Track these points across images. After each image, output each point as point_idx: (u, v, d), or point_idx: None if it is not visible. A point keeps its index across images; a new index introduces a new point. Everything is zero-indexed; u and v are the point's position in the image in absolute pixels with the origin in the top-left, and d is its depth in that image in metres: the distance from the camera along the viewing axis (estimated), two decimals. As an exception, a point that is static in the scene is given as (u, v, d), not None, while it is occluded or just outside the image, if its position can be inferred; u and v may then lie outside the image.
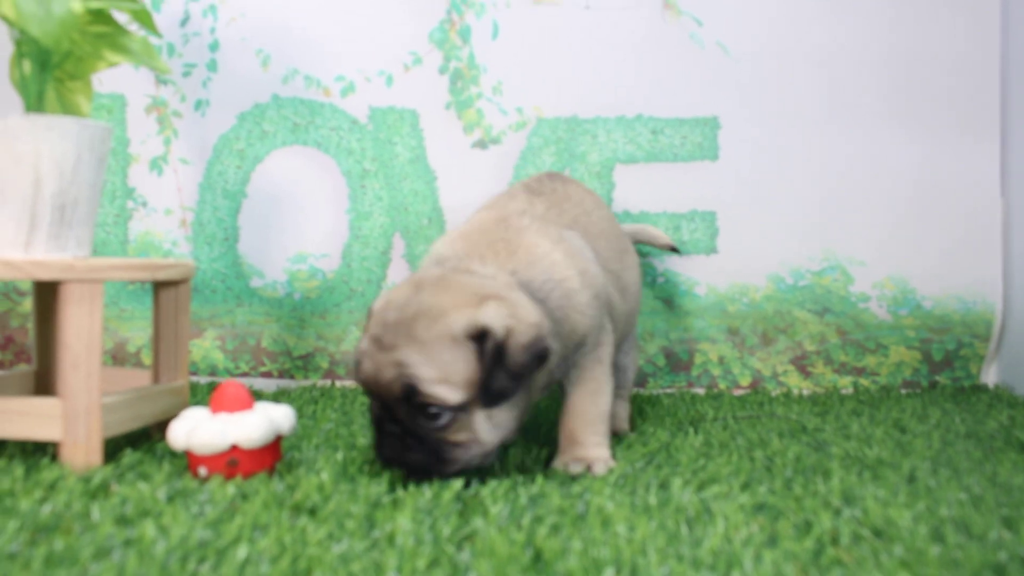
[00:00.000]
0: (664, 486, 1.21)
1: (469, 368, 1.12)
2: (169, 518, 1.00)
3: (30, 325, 1.89)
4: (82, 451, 1.26)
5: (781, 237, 1.95)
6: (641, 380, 1.96)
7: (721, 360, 1.96)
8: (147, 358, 1.90)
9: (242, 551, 0.90)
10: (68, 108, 1.44)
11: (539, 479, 1.21)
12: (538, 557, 0.93)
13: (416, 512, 1.06)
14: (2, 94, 1.83)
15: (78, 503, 1.06)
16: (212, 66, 1.88)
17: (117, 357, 1.88)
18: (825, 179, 1.95)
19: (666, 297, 1.95)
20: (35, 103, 1.33)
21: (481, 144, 1.92)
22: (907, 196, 1.94)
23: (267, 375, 1.92)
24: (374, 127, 1.90)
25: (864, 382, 1.97)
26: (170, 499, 1.09)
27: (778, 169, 1.94)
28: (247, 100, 1.88)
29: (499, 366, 1.12)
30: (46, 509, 1.03)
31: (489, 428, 1.17)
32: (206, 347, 1.89)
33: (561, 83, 1.92)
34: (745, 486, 1.23)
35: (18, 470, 1.18)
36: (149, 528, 0.96)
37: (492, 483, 1.18)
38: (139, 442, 1.43)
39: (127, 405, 1.33)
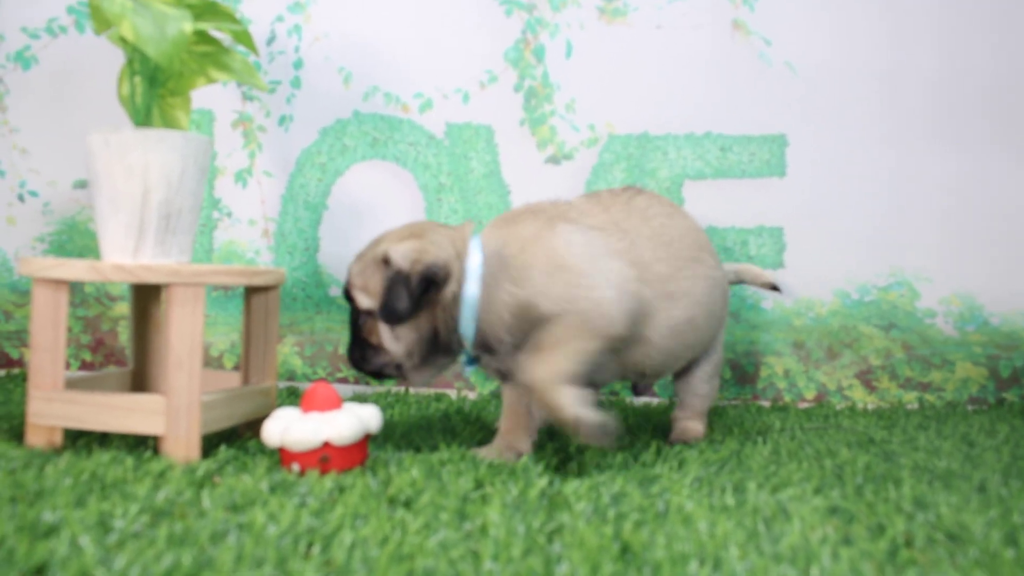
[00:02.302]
0: (739, 489, 1.25)
1: (380, 284, 1.40)
2: (276, 506, 1.07)
3: (120, 328, 1.99)
4: (182, 445, 1.33)
5: (847, 253, 1.97)
6: (706, 392, 1.99)
7: (787, 373, 1.98)
8: (229, 362, 1.98)
9: (347, 537, 0.96)
10: (169, 122, 1.53)
11: (619, 479, 1.25)
12: (626, 549, 0.97)
13: (504, 507, 1.11)
14: (101, 108, 1.94)
15: (188, 491, 1.12)
16: (296, 83, 1.96)
17: (204, 360, 1.97)
18: (891, 195, 1.97)
19: (733, 311, 1.98)
20: (143, 118, 1.42)
21: (554, 160, 1.98)
22: (975, 212, 1.96)
23: (343, 381, 1.99)
24: (450, 142, 1.97)
25: (930, 397, 1.98)
26: (272, 490, 1.16)
27: (844, 185, 1.97)
28: (329, 116, 1.97)
29: (396, 286, 1.37)
30: (160, 495, 1.10)
31: (391, 338, 1.41)
32: (285, 352, 1.97)
33: (632, 101, 1.97)
34: (817, 491, 1.26)
35: (128, 461, 1.25)
36: (259, 515, 1.02)
37: (574, 482, 1.23)
38: (231, 439, 1.50)
39: (222, 404, 1.41)
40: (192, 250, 1.44)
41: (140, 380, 1.65)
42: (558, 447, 1.52)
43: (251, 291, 1.56)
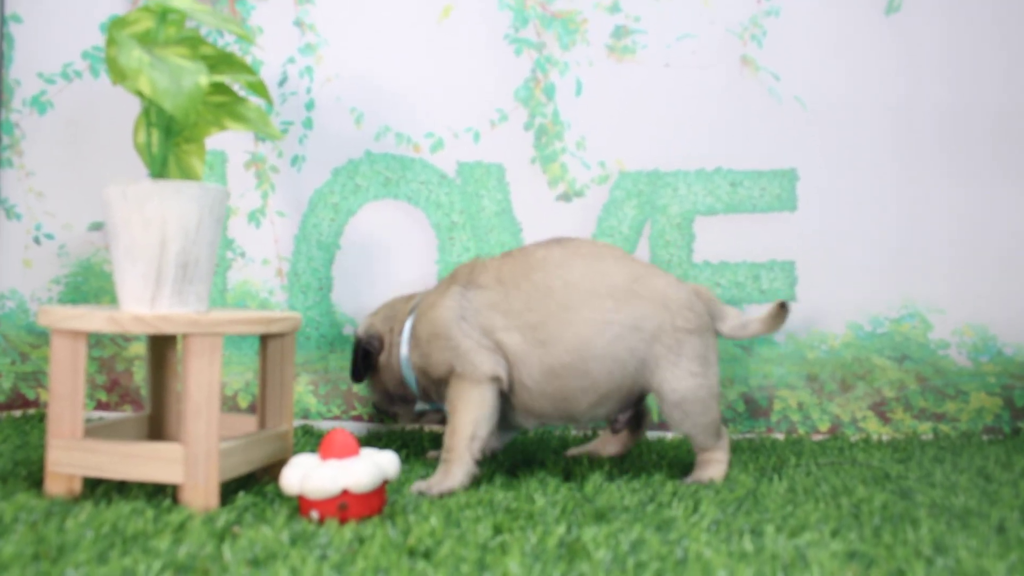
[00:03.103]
0: (757, 532, 1.25)
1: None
2: (297, 560, 1.07)
3: (135, 368, 2.00)
4: (201, 493, 1.34)
5: (859, 285, 1.98)
6: (720, 426, 1.99)
7: (800, 406, 1.99)
8: (243, 401, 1.99)
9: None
10: (184, 170, 1.55)
11: (637, 525, 1.25)
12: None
13: (523, 556, 1.11)
14: (116, 152, 1.96)
15: (209, 544, 1.13)
16: (308, 124, 1.98)
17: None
18: (902, 228, 1.98)
19: (746, 345, 1.98)
20: (159, 169, 1.44)
21: (565, 197, 1.99)
22: (986, 243, 1.96)
23: (357, 419, 2.00)
24: (462, 181, 1.99)
25: (944, 428, 1.98)
26: (293, 542, 1.16)
27: (855, 218, 1.98)
28: (341, 156, 1.98)
29: (354, 354, 1.75)
30: (182, 550, 1.10)
31: (369, 388, 1.80)
32: (299, 391, 1.98)
33: (642, 138, 1.99)
34: (835, 533, 1.26)
35: (148, 512, 1.26)
36: (280, 569, 1.03)
37: (592, 528, 1.23)
38: (248, 485, 1.51)
39: (240, 450, 1.42)
40: (208, 298, 1.45)
41: (157, 425, 1.66)
42: (572, 487, 1.52)
43: (267, 337, 1.58)
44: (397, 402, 1.76)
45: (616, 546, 1.17)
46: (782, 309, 1.64)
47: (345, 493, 1.27)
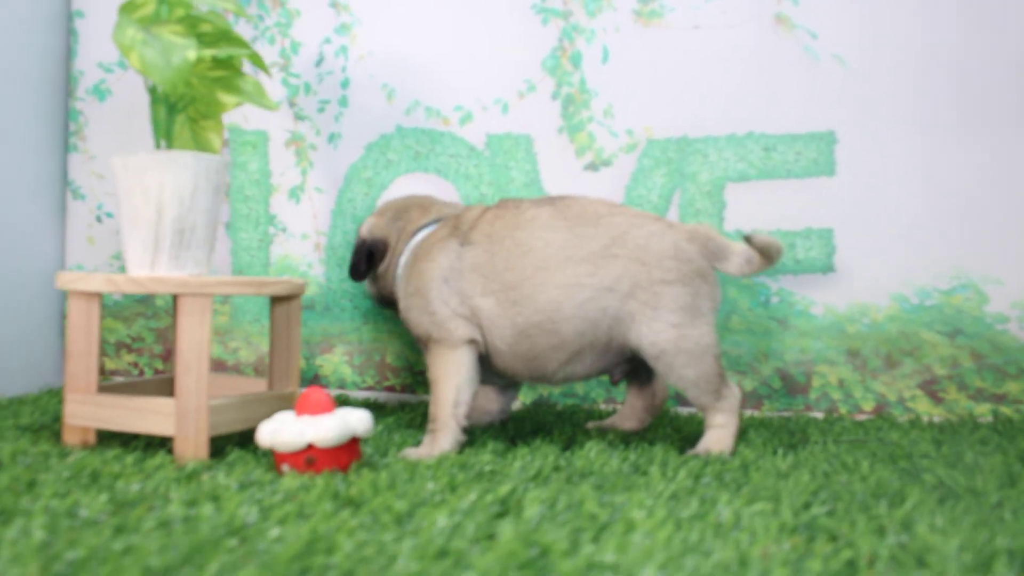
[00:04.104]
0: (709, 501, 1.20)
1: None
2: (232, 501, 1.12)
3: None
4: (191, 446, 1.42)
5: (904, 254, 1.85)
6: (756, 402, 1.91)
7: (841, 383, 1.88)
8: (288, 370, 2.08)
9: (274, 532, 1.00)
10: (201, 144, 1.63)
11: (584, 488, 1.23)
12: (544, 554, 0.96)
13: (453, 512, 1.12)
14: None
15: (165, 486, 1.20)
16: (343, 102, 2.05)
17: (258, 369, 2.08)
18: (953, 192, 1.83)
19: (780, 317, 1.90)
20: (165, 140, 1.53)
21: (593, 167, 1.96)
22: (1051, 208, 1.79)
23: (390, 389, 2.05)
24: (491, 153, 2.00)
25: (1006, 410, 1.82)
26: (242, 487, 1.22)
27: (900, 183, 1.85)
28: (374, 132, 2.03)
29: (356, 253, 1.77)
30: (135, 488, 1.18)
31: (368, 284, 1.84)
32: (335, 362, 2.05)
33: (671, 103, 1.93)
34: (806, 506, 1.20)
35: (129, 459, 1.35)
36: (208, 509, 1.08)
37: (539, 491, 1.22)
38: (249, 442, 1.58)
39: (234, 408, 1.49)
40: (209, 262, 1.53)
41: (183, 385, 1.76)
42: (562, 454, 1.50)
43: (275, 301, 1.65)
44: (389, 305, 1.82)
45: (552, 505, 1.16)
46: (750, 242, 1.56)
47: (311, 448, 1.32)
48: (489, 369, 1.64)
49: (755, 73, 1.90)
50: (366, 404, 1.98)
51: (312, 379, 2.05)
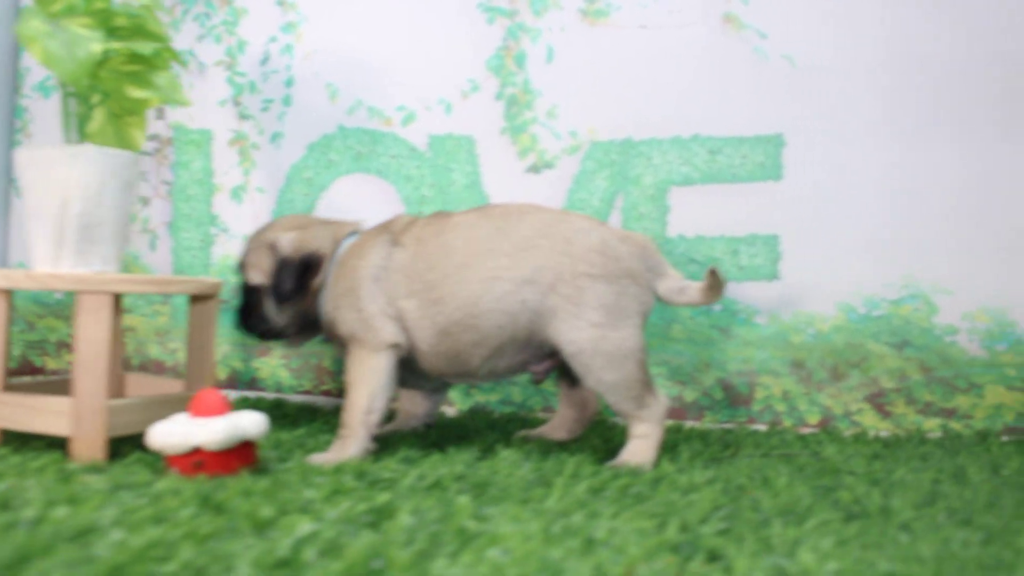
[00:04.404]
0: (597, 516, 1.15)
1: (269, 265, 1.63)
2: (87, 506, 1.08)
3: (128, 338, 2.10)
4: (88, 447, 1.39)
5: (852, 262, 1.78)
6: (697, 413, 1.85)
7: (785, 395, 1.81)
8: (223, 373, 2.05)
9: (116, 536, 0.96)
10: (123, 140, 1.61)
11: (463, 498, 1.18)
12: (387, 568, 0.92)
13: (317, 520, 1.07)
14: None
15: (35, 487, 1.17)
16: (287, 101, 2.02)
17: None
18: (903, 198, 1.76)
19: (723, 326, 1.83)
20: (71, 134, 1.50)
21: (535, 169, 1.92)
22: (1000, 215, 1.72)
23: (327, 393, 2.01)
24: (433, 154, 1.96)
25: (956, 425, 1.75)
26: (113, 490, 1.18)
27: (850, 188, 1.79)
28: (316, 131, 2.00)
29: (282, 271, 1.60)
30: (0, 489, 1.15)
31: (275, 311, 1.65)
32: (273, 365, 2.01)
33: (615, 105, 1.88)
34: (701, 523, 1.14)
35: (15, 459, 1.32)
36: (61, 511, 1.05)
37: (416, 499, 1.18)
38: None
39: (136, 409, 1.45)
40: (119, 260, 1.50)
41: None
42: (472, 464, 1.45)
43: (192, 301, 1.61)
44: (304, 328, 1.67)
45: (423, 517, 1.11)
46: (714, 278, 1.50)
47: (199, 451, 1.28)
48: (416, 371, 1.60)
49: (702, 74, 1.84)
50: (302, 408, 1.94)
51: (249, 382, 2.01)
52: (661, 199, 1.85)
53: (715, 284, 1.50)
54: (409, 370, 1.60)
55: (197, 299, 1.60)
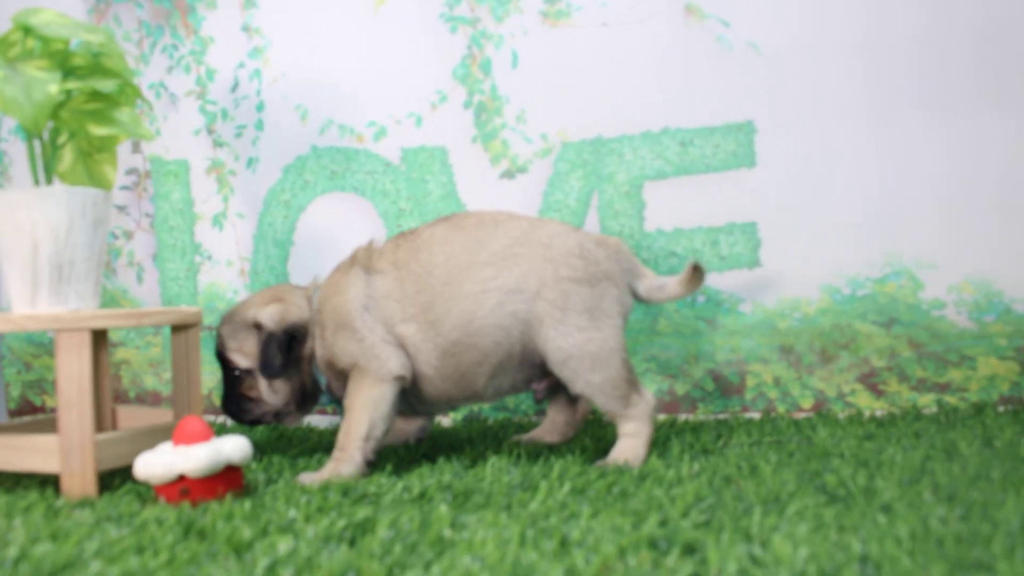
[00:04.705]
0: (573, 516, 1.15)
1: (254, 345, 1.59)
2: (70, 540, 1.09)
3: (123, 372, 2.12)
4: (78, 482, 1.39)
5: (833, 244, 1.77)
6: (690, 406, 1.85)
7: (777, 381, 1.80)
8: (218, 398, 2.06)
9: (95, 567, 0.97)
10: (95, 178, 1.62)
11: (442, 508, 1.18)
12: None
13: (297, 538, 1.07)
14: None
15: (18, 527, 1.18)
16: (259, 125, 2.03)
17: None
18: (880, 175, 1.76)
19: (708, 317, 1.83)
20: (38, 175, 1.51)
21: (509, 174, 1.92)
22: (980, 185, 1.71)
23: (322, 412, 2.01)
24: (407, 167, 1.96)
25: (950, 399, 1.74)
26: (97, 523, 1.19)
27: (825, 170, 1.78)
28: (290, 154, 2.01)
29: (269, 346, 1.56)
30: (-13, 529, 1.16)
31: (269, 392, 1.61)
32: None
33: (583, 104, 1.88)
34: (683, 516, 1.13)
35: (2, 499, 1.33)
36: (43, 547, 1.06)
37: (395, 512, 1.18)
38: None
39: (123, 441, 1.46)
40: (96, 296, 1.51)
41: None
42: (459, 472, 1.45)
43: (174, 330, 1.62)
44: (302, 401, 1.64)
45: (404, 525, 1.11)
46: (696, 271, 1.52)
47: (183, 478, 1.29)
48: (423, 399, 1.58)
49: (668, 67, 1.84)
50: (297, 429, 1.94)
51: (243, 407, 2.02)
52: (636, 195, 1.85)
53: (696, 277, 1.51)
54: (416, 398, 1.58)
55: (178, 329, 1.61)
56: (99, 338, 1.72)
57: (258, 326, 1.58)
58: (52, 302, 1.46)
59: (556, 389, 1.69)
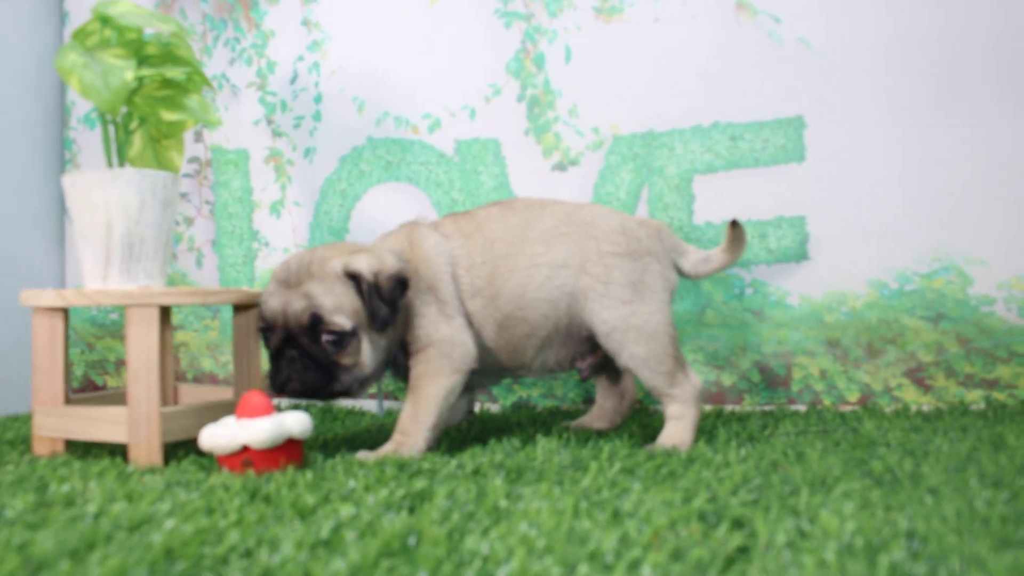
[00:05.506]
0: (624, 491, 1.18)
1: (353, 301, 1.42)
2: (144, 500, 1.14)
3: (182, 353, 2.18)
4: (144, 452, 1.46)
5: (881, 238, 1.78)
6: (736, 397, 1.87)
7: (823, 374, 1.82)
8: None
9: (168, 525, 1.02)
10: (163, 162, 1.69)
11: (497, 481, 1.22)
12: (419, 544, 0.96)
13: (357, 506, 1.12)
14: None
15: (94, 488, 1.24)
16: (317, 116, 2.09)
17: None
18: (930, 171, 1.76)
19: (756, 309, 1.85)
20: (112, 158, 1.58)
21: (560, 167, 1.96)
22: (1031, 183, 1.71)
23: (373, 396, 2.06)
24: (460, 159, 2.01)
25: (999, 396, 1.74)
26: (167, 487, 1.24)
27: (874, 165, 1.79)
28: (346, 144, 2.07)
29: (375, 297, 1.42)
30: (64, 490, 1.22)
31: (370, 351, 1.46)
32: (319, 370, 2.07)
33: (635, 99, 1.91)
34: (731, 495, 1.16)
35: (77, 464, 1.39)
36: (119, 506, 1.11)
37: (452, 483, 1.22)
38: (210, 449, 1.62)
39: (188, 415, 1.52)
40: (163, 275, 1.57)
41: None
42: (510, 451, 1.49)
43: (236, 310, 1.68)
44: (379, 372, 1.52)
45: (461, 496, 1.15)
46: (735, 230, 1.56)
47: (247, 449, 1.34)
48: (476, 370, 1.56)
49: (719, 62, 1.87)
50: (350, 412, 2.00)
51: (297, 390, 2.08)
52: (686, 188, 1.88)
53: (737, 237, 1.55)
54: (472, 371, 1.56)
55: (240, 308, 1.67)
56: (163, 317, 1.78)
57: (355, 276, 1.42)
58: (123, 279, 1.53)
59: (603, 372, 1.73)
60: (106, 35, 1.58)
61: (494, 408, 2.01)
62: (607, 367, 1.72)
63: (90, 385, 2.24)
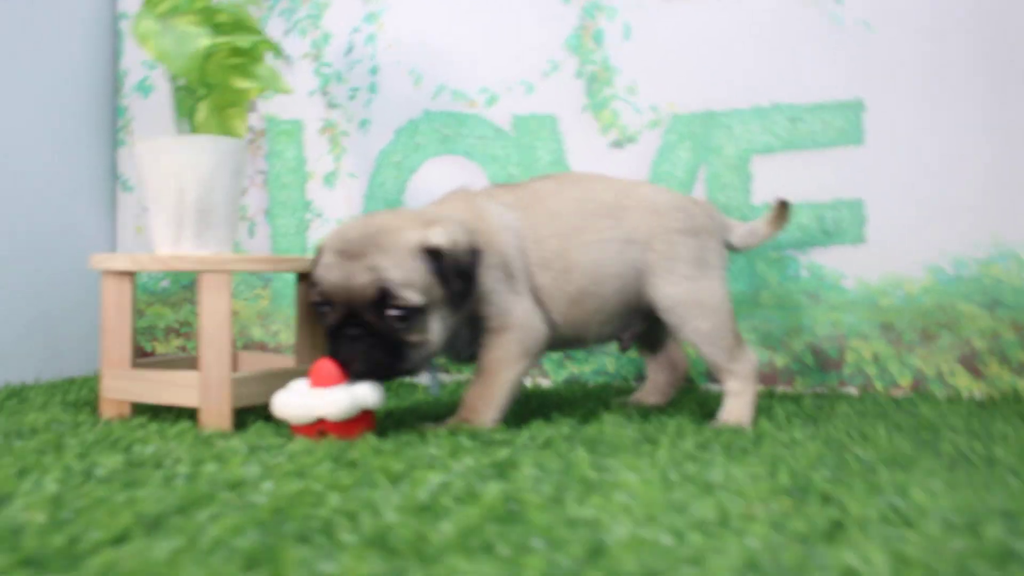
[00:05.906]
0: (709, 464, 1.20)
1: (425, 276, 1.33)
2: (233, 462, 1.16)
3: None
4: (215, 416, 1.47)
5: (939, 223, 1.79)
6: (788, 378, 1.88)
7: (876, 358, 1.83)
8: (326, 352, 2.13)
9: (267, 486, 1.04)
10: (226, 130, 1.69)
11: (581, 450, 1.24)
12: (522, 510, 0.98)
13: (447, 472, 1.13)
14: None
15: (178, 450, 1.25)
16: (373, 88, 2.09)
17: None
18: (989, 157, 1.77)
19: (811, 291, 1.86)
20: (183, 125, 1.59)
21: (618, 144, 1.96)
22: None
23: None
24: (517, 134, 2.01)
25: (1051, 384, 1.75)
26: (251, 451, 1.26)
27: (934, 149, 1.80)
28: (402, 117, 2.07)
29: (452, 270, 1.34)
30: (150, 451, 1.23)
31: (440, 329, 1.38)
32: (370, 342, 2.09)
33: (694, 78, 1.92)
34: (810, 470, 1.18)
35: (154, 426, 1.41)
36: (211, 467, 1.13)
37: (536, 453, 1.24)
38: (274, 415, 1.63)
39: (257, 381, 1.54)
40: (231, 242, 1.58)
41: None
42: (575, 425, 1.51)
43: (300, 279, 1.69)
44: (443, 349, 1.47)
45: (545, 468, 1.17)
46: (783, 208, 1.59)
47: (322, 421, 1.35)
48: None
49: (779, 43, 1.87)
50: (401, 385, 2.01)
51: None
52: (744, 168, 1.89)
53: (783, 214, 1.58)
54: None
55: (305, 277, 1.68)
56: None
57: (430, 251, 1.34)
58: (194, 245, 1.54)
59: (648, 348, 1.74)
60: (175, 2, 1.58)
61: (545, 383, 2.03)
62: (646, 337, 1.74)
63: (139, 351, 2.26)
